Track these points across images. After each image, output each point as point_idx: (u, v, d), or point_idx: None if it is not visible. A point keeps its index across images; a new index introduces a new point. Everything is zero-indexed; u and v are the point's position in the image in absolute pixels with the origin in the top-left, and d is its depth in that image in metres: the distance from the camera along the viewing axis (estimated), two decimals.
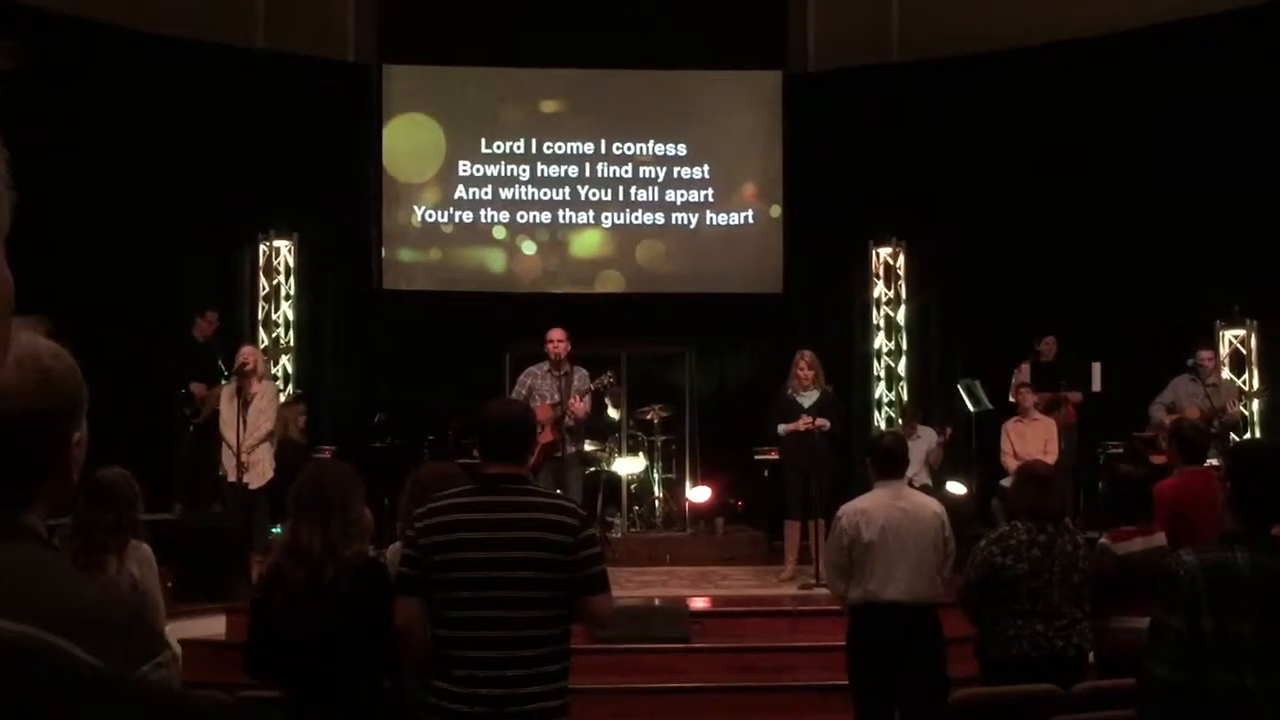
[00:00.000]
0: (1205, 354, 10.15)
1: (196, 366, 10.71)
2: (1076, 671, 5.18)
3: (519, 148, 13.06)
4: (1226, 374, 10.88)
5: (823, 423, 9.18)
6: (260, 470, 9.52)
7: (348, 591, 3.97)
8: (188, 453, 10.72)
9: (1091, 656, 5.48)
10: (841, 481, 9.40)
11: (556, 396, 9.29)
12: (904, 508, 5.48)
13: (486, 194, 13.05)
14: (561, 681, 3.73)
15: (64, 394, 1.40)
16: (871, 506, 5.49)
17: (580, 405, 9.35)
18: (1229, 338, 11.22)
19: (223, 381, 10.07)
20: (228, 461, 9.56)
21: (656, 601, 8.65)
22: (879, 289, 13.01)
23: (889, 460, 5.63)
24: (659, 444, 11.84)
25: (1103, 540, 5.55)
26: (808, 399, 9.32)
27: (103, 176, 10.95)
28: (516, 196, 13.07)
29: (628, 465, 11.66)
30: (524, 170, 13.06)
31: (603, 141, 13.12)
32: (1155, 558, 5.31)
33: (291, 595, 4.01)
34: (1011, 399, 11.00)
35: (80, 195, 10.77)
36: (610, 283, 13.12)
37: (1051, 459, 9.71)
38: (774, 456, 10.05)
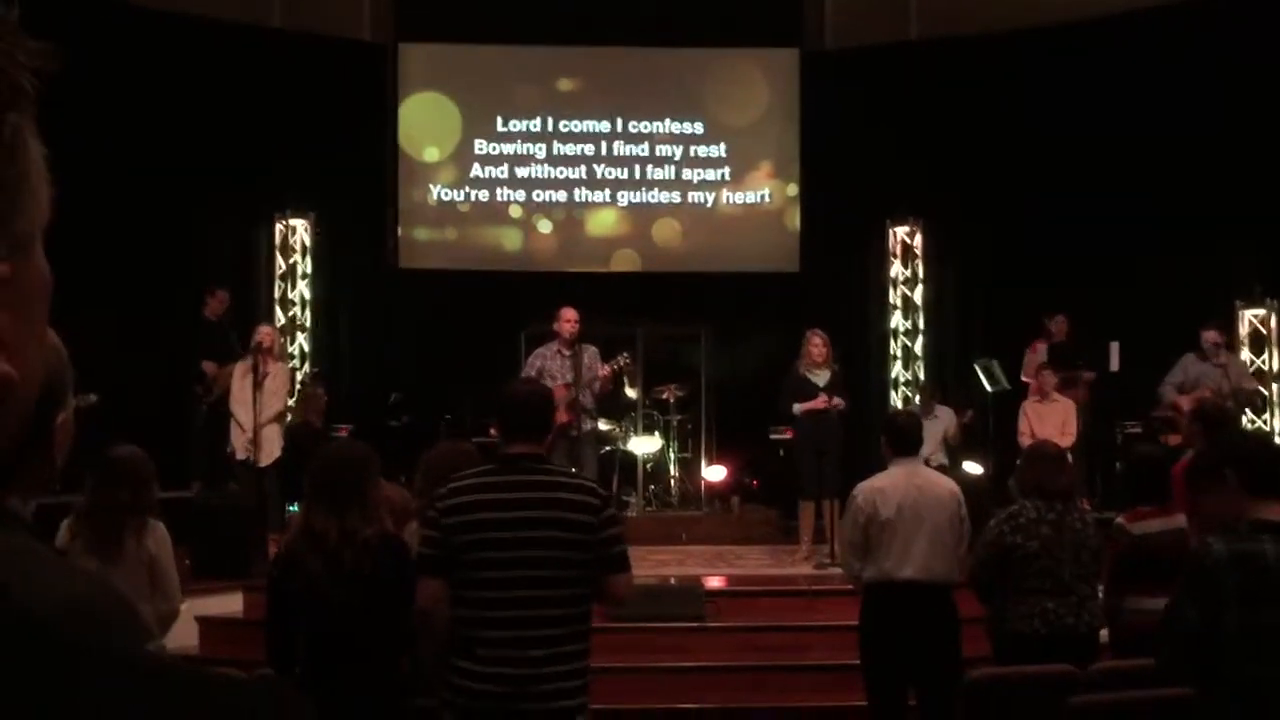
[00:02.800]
0: (1209, 334, 10.06)
1: (208, 345, 10.74)
2: (1088, 648, 5.18)
3: (535, 126, 13.04)
4: (1246, 354, 10.82)
5: (838, 401, 9.17)
6: (268, 449, 9.57)
7: (369, 574, 3.96)
8: (202, 431, 10.75)
9: (1106, 636, 5.47)
10: (854, 461, 9.39)
11: (569, 377, 9.27)
12: (920, 485, 5.47)
13: (502, 173, 13.04)
14: (583, 661, 3.73)
15: (50, 375, 1.38)
16: (888, 485, 5.47)
17: (605, 370, 9.33)
18: (1249, 317, 11.15)
19: (238, 359, 10.08)
20: (237, 439, 9.60)
21: (672, 580, 8.65)
22: (896, 268, 12.96)
23: (904, 438, 5.61)
24: (674, 423, 11.84)
25: (1118, 520, 5.53)
26: (821, 378, 9.31)
27: (119, 156, 10.96)
28: (532, 175, 13.06)
29: (643, 444, 11.65)
30: (540, 149, 13.04)
31: (619, 120, 13.09)
32: (1173, 539, 5.29)
33: (310, 581, 4.01)
34: (1024, 378, 10.96)
35: (96, 175, 10.78)
36: (626, 261, 13.11)
37: (1069, 440, 9.69)
38: (789, 436, 10.04)
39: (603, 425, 10.50)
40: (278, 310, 12.32)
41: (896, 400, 12.77)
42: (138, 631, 1.31)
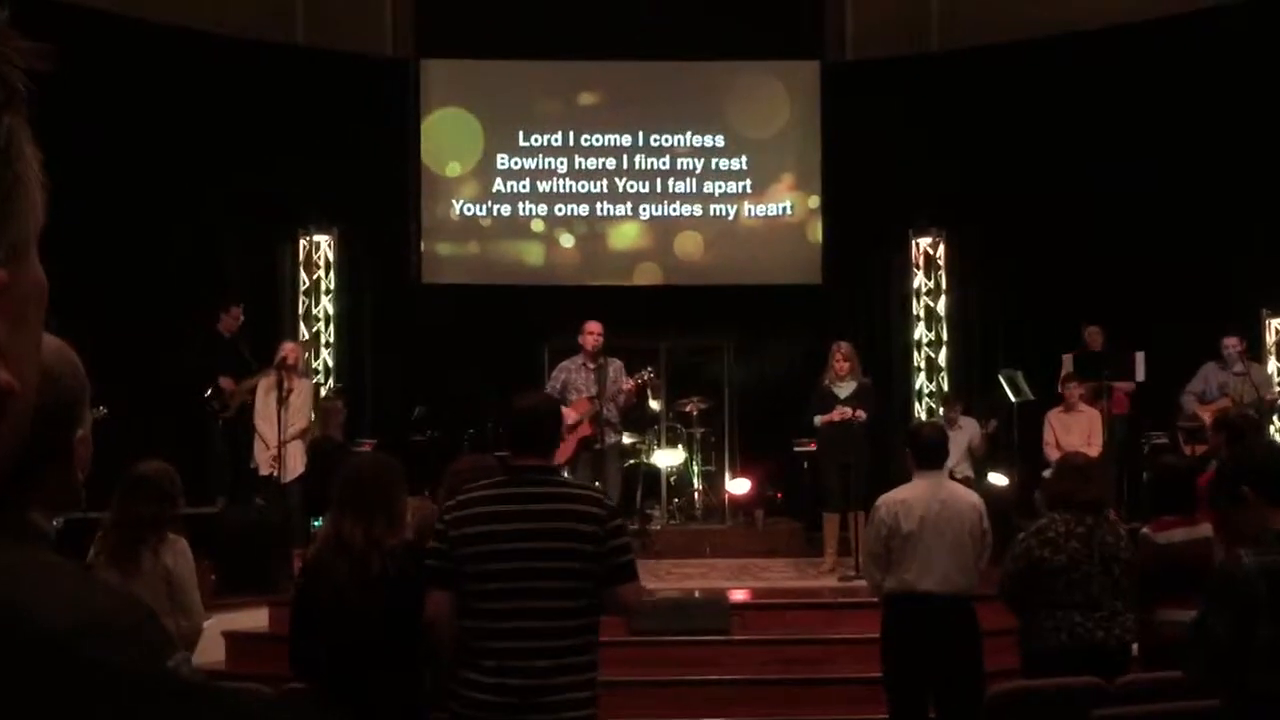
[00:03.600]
0: (1230, 340, 10.01)
1: (222, 361, 10.77)
2: (1118, 663, 5.13)
3: (556, 140, 13.08)
4: (1273, 363, 10.74)
5: (859, 413, 9.13)
6: (291, 464, 9.61)
7: (394, 582, 3.98)
8: (221, 447, 10.78)
9: (1136, 648, 5.43)
10: (879, 472, 9.34)
11: (593, 390, 9.28)
12: (943, 499, 5.44)
13: (524, 187, 13.07)
14: (591, 673, 3.72)
15: (65, 391, 1.38)
16: (911, 497, 5.45)
17: (629, 384, 9.34)
18: (1275, 326, 11.07)
19: (258, 375, 10.12)
20: (260, 455, 9.63)
21: (696, 593, 8.63)
22: (919, 279, 12.92)
23: (929, 451, 5.59)
24: (698, 436, 11.82)
25: (1144, 530, 5.49)
26: (844, 390, 9.27)
27: (143, 173, 11.04)
28: (554, 189, 13.09)
29: (667, 458, 11.64)
30: (561, 163, 13.07)
31: (640, 133, 13.11)
32: (1198, 549, 5.25)
33: (337, 589, 4.03)
34: (1060, 390, 10.89)
35: (121, 192, 10.88)
36: (648, 275, 13.11)
37: (1095, 450, 9.64)
38: (813, 448, 10.01)
39: (626, 439, 10.49)
40: (301, 326, 12.37)
41: (920, 412, 12.72)
42: (162, 645, 1.31)
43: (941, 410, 11.77)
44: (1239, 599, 3.18)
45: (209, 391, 10.62)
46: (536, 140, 13.07)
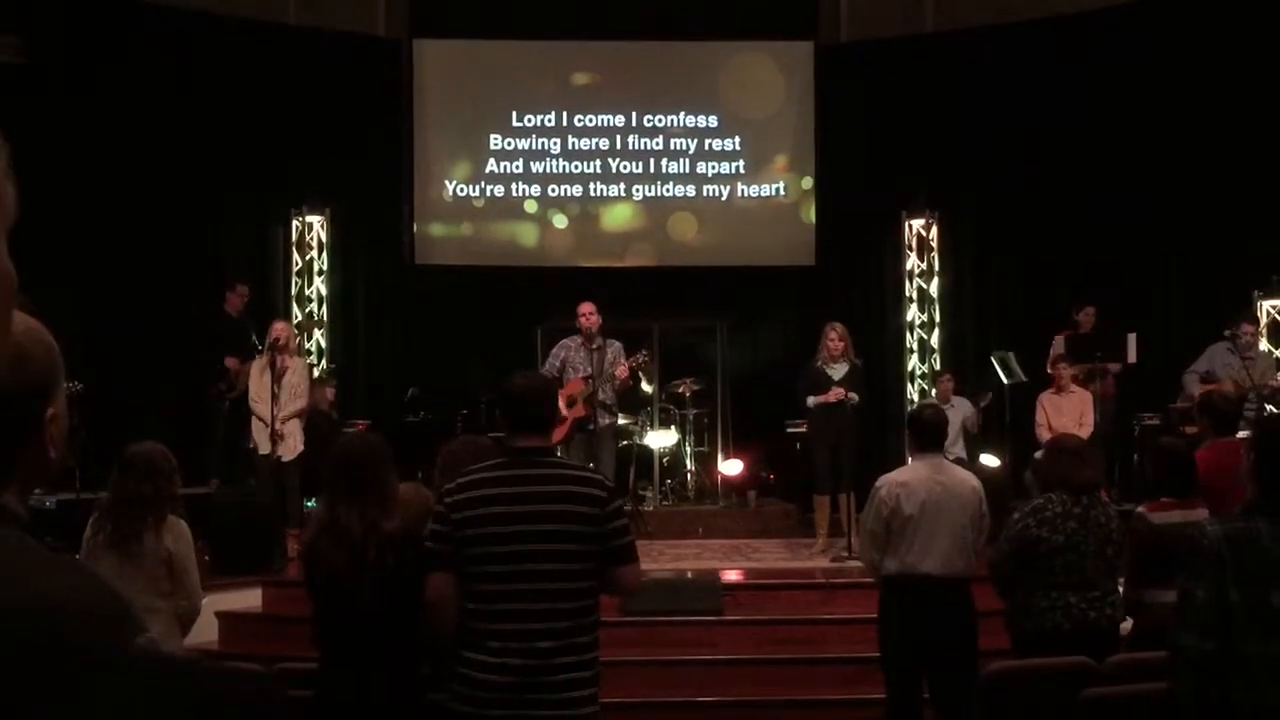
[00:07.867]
0: (1248, 328, 9.99)
1: (229, 342, 10.77)
2: (1109, 643, 5.15)
3: (550, 121, 13.04)
4: (1265, 345, 10.76)
5: (852, 395, 9.13)
6: (291, 444, 9.60)
7: (391, 570, 3.97)
8: (223, 428, 10.79)
9: (1131, 627, 5.45)
10: (870, 454, 9.34)
11: (589, 370, 9.29)
12: (944, 482, 5.44)
13: (517, 167, 13.04)
14: (592, 653, 3.74)
15: (37, 370, 1.38)
16: (912, 479, 5.45)
17: (623, 370, 9.35)
18: (1267, 308, 11.09)
19: (257, 355, 10.12)
20: (259, 434, 9.63)
21: (689, 574, 8.66)
22: (912, 261, 12.92)
23: (929, 432, 5.59)
24: (691, 417, 11.83)
25: (1140, 509, 5.49)
26: (837, 371, 9.27)
27: (137, 153, 11.01)
28: (547, 170, 13.06)
29: (660, 438, 11.65)
30: (555, 143, 13.04)
31: (634, 114, 13.08)
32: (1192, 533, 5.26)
33: (333, 576, 4.02)
34: (1050, 371, 10.91)
35: (114, 172, 10.85)
36: (642, 256, 13.10)
37: (1086, 431, 9.65)
38: (805, 429, 10.03)
39: (620, 420, 10.49)
40: (294, 307, 12.35)
41: (913, 393, 12.73)
42: (128, 626, 1.32)
43: (934, 392, 11.78)
44: (1210, 565, 3.23)
45: (215, 371, 10.63)
46: (530, 121, 13.04)
